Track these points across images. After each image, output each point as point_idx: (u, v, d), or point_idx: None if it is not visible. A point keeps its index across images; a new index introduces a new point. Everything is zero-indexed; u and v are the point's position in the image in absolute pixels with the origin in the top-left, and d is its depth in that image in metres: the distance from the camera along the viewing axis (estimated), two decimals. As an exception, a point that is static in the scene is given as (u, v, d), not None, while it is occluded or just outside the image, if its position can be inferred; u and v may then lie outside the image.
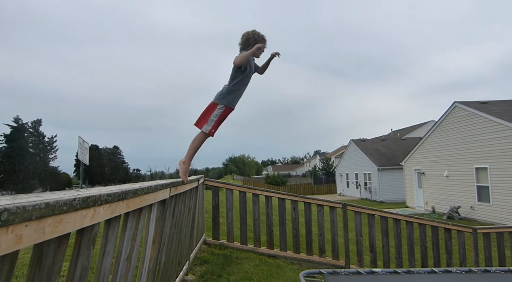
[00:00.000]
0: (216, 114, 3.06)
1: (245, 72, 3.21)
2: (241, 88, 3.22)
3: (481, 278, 4.47)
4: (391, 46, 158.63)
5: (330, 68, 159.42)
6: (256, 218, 6.36)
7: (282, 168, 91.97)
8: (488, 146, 15.17)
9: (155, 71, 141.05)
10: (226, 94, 3.12)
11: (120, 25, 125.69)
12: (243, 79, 3.20)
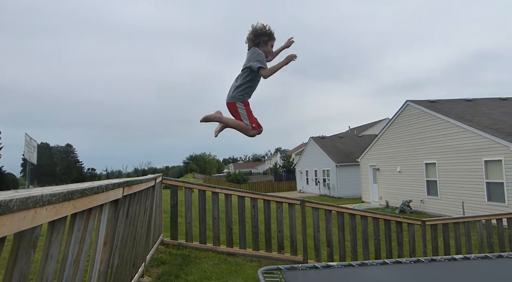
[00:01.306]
0: (243, 113, 2.99)
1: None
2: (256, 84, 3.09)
3: (428, 267, 4.74)
4: (348, 45, 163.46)
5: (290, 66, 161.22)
6: (215, 216, 6.34)
7: (244, 166, 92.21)
8: (436, 142, 16.07)
9: (112, 65, 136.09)
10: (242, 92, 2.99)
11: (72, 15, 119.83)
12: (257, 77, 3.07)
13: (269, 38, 3.01)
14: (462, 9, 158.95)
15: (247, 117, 2.97)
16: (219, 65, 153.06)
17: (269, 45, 3.05)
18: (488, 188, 13.32)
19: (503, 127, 13.76)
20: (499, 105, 17.17)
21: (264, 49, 3.02)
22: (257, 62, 2.85)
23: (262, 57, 2.91)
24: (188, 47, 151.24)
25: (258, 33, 2.98)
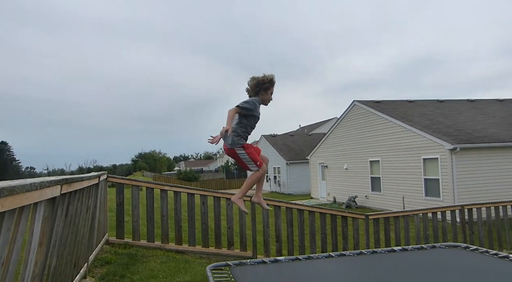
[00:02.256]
0: (245, 157, 2.96)
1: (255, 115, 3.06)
2: (253, 127, 3.08)
3: (369, 258, 4.99)
4: (300, 45, 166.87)
5: (243, 63, 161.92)
6: (164, 214, 6.21)
7: (195, 164, 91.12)
8: (380, 140, 16.92)
9: (55, 60, 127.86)
10: (239, 138, 2.98)
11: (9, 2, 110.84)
12: (254, 120, 3.05)
13: (270, 85, 3.05)
14: (408, 15, 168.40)
15: (250, 159, 2.95)
16: (170, 61, 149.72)
17: (269, 93, 3.08)
18: (425, 184, 14.27)
19: (440, 127, 14.80)
20: (437, 107, 18.43)
21: (264, 97, 3.05)
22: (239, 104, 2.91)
23: (251, 103, 2.94)
24: (138, 42, 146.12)
25: (259, 84, 3.01)
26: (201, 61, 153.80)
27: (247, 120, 3.00)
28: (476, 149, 13.15)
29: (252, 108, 2.96)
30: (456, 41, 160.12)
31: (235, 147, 2.95)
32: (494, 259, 4.58)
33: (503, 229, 8.14)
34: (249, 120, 3.00)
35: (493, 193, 12.20)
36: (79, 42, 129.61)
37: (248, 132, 3.04)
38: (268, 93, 3.06)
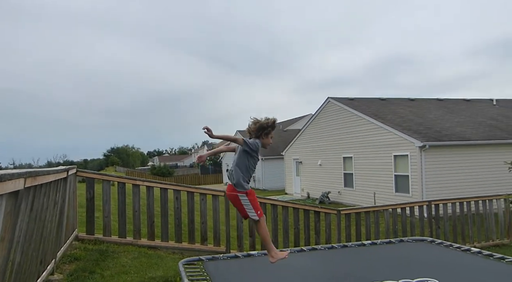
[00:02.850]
0: (246, 203, 2.95)
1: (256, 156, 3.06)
2: (254, 168, 3.11)
3: (340, 252, 5.10)
4: (276, 42, 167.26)
5: (218, 59, 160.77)
6: (136, 209, 6.12)
7: (169, 159, 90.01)
8: (353, 137, 17.25)
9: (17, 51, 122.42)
10: (245, 183, 3.02)
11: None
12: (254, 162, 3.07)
13: (271, 129, 3.07)
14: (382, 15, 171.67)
15: (252, 207, 2.94)
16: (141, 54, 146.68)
17: (269, 137, 3.11)
18: (396, 180, 14.68)
19: (410, 125, 15.23)
20: (408, 105, 18.96)
21: (265, 141, 3.08)
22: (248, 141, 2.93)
23: (256, 145, 2.97)
24: (108, 33, 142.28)
25: (262, 127, 3.02)
26: (173, 55, 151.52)
27: (249, 162, 3.03)
28: (444, 147, 13.63)
29: (256, 149, 2.99)
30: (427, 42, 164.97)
31: (240, 190, 2.96)
32: (457, 252, 4.79)
33: (467, 223, 8.49)
34: (250, 161, 3.03)
35: (458, 189, 12.69)
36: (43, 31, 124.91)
37: (251, 175, 3.10)
38: (268, 137, 3.11)
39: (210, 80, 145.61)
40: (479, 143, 13.97)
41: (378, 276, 3.64)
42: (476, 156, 13.96)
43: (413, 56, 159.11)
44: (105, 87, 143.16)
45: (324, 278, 3.86)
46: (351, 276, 3.84)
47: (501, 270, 4.07)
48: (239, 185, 2.96)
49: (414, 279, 3.49)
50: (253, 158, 3.06)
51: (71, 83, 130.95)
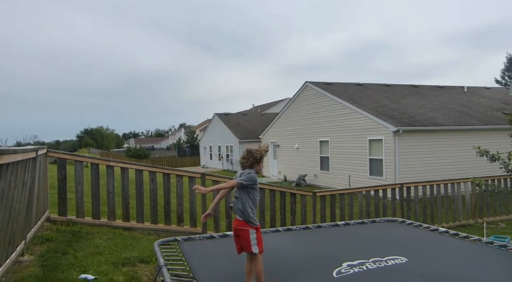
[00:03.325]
0: (254, 238, 2.99)
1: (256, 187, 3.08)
2: (257, 200, 3.13)
3: (315, 232, 5.20)
4: (256, 25, 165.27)
5: (196, 41, 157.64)
6: (110, 191, 6.02)
7: (146, 141, 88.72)
8: (330, 121, 17.44)
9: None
10: (254, 217, 3.05)
11: None
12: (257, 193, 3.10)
13: (261, 158, 3.14)
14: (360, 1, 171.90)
15: (256, 242, 2.97)
16: (117, 33, 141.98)
17: (261, 164, 3.16)
18: (370, 163, 15.01)
19: (385, 110, 15.51)
20: (383, 90, 19.26)
21: (257, 168, 3.13)
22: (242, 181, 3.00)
23: (251, 180, 3.02)
24: (83, 11, 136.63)
25: (255, 160, 3.09)
26: (150, 36, 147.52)
27: (253, 194, 3.06)
28: (417, 132, 13.98)
29: (255, 181, 3.04)
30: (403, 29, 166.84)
31: (252, 226, 2.99)
32: (425, 231, 4.98)
33: (436, 205, 8.82)
34: (254, 193, 3.07)
35: (430, 173, 13.11)
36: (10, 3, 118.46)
37: (257, 206, 3.11)
38: (260, 165, 3.16)
39: (188, 62, 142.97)
40: (450, 128, 14.41)
41: (351, 255, 3.75)
42: (446, 141, 14.41)
43: (390, 42, 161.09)
44: (80, 67, 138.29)
45: (298, 258, 3.93)
46: (324, 256, 3.93)
47: (464, 247, 4.27)
48: (251, 222, 3.01)
49: (384, 258, 3.61)
50: (255, 189, 3.12)
51: (42, 61, 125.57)
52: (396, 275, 3.28)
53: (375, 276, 3.24)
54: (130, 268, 4.10)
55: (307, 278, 3.30)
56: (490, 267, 3.62)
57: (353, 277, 3.20)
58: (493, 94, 20.68)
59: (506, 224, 9.06)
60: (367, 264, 3.47)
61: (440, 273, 3.32)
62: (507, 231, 8.19)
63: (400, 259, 3.60)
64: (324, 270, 3.39)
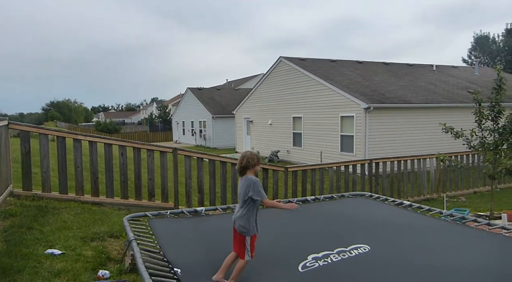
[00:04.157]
0: (248, 244, 3.05)
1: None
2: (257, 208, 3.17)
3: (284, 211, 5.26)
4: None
5: (169, 12, 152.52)
6: (78, 165, 5.85)
7: (116, 115, 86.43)
8: (303, 97, 17.51)
9: None
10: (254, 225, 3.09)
11: None
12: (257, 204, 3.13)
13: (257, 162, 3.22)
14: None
15: (250, 248, 3.06)
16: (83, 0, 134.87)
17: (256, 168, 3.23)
18: (341, 140, 15.30)
19: (357, 87, 15.71)
20: (356, 67, 19.43)
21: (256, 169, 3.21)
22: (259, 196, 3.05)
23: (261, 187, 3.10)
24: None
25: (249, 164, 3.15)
26: (120, 6, 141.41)
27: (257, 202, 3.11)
28: (387, 109, 14.29)
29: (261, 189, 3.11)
30: (377, 7, 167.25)
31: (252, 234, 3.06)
32: (391, 205, 5.17)
33: (403, 180, 9.16)
34: (258, 202, 3.11)
35: (398, 149, 13.53)
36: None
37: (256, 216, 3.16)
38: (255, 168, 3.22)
39: (160, 34, 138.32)
40: (418, 105, 14.82)
41: (316, 246, 3.73)
42: (415, 118, 14.84)
43: (365, 20, 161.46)
44: (47, 38, 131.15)
45: (266, 232, 4.00)
46: (290, 245, 3.94)
47: (425, 219, 4.47)
48: (252, 230, 3.08)
49: (348, 247, 3.68)
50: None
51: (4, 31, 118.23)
52: (359, 266, 3.33)
53: (339, 269, 3.27)
54: (99, 243, 4.05)
55: (273, 272, 3.28)
56: (449, 243, 3.78)
57: (317, 271, 3.22)
58: (460, 73, 21.32)
59: (466, 198, 9.56)
60: (332, 256, 3.49)
61: (400, 259, 3.42)
62: (467, 205, 8.66)
63: (363, 248, 3.66)
64: (290, 263, 3.38)
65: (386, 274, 3.15)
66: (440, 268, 3.17)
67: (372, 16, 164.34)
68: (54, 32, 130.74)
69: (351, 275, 3.17)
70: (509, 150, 7.16)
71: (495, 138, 7.18)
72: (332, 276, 3.14)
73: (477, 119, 7.31)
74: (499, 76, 7.20)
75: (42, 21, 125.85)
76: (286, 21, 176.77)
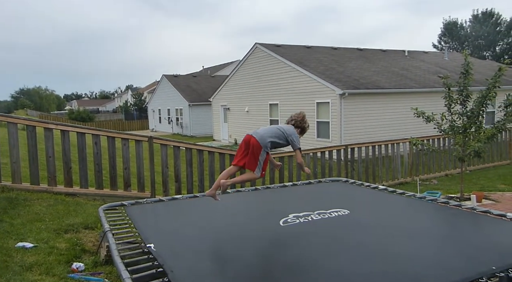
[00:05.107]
0: (262, 159, 3.22)
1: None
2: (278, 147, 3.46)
3: (263, 193, 5.32)
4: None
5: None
6: (50, 155, 5.68)
7: (90, 103, 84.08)
8: (279, 84, 17.52)
9: None
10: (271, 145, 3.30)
11: None
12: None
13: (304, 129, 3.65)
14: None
15: (262, 164, 3.22)
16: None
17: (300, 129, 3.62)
18: (318, 126, 15.45)
19: (332, 73, 15.83)
20: (331, 53, 19.54)
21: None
22: (297, 144, 3.46)
23: (298, 139, 3.49)
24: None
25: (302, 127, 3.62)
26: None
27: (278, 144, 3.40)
28: (362, 95, 14.50)
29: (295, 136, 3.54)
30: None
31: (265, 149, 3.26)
32: (366, 189, 5.28)
33: (377, 165, 9.37)
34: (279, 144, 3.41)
35: (373, 134, 13.80)
36: None
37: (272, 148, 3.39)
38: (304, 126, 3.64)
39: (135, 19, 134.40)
40: (392, 91, 15.10)
41: (297, 208, 3.91)
42: (389, 103, 15.13)
43: (340, 6, 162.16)
44: (15, 21, 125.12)
45: (247, 215, 4.04)
46: (272, 210, 4.08)
47: (399, 202, 4.61)
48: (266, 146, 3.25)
49: (328, 210, 3.82)
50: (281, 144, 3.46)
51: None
52: (338, 224, 3.52)
53: (318, 225, 3.46)
54: (73, 235, 3.97)
55: (256, 227, 3.48)
56: (421, 217, 3.97)
57: (298, 225, 3.41)
58: (431, 58, 21.81)
59: (438, 180, 9.90)
60: (312, 215, 3.68)
61: (377, 222, 3.59)
62: (439, 187, 8.96)
63: (343, 211, 3.83)
64: (272, 220, 3.56)
65: (363, 232, 3.33)
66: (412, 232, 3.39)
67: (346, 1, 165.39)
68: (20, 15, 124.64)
69: (329, 230, 3.38)
70: (477, 133, 7.41)
71: (463, 122, 7.41)
72: (311, 230, 3.33)
73: (446, 103, 7.52)
74: (466, 61, 7.40)
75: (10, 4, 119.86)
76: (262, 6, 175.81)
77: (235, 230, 3.45)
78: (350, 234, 3.29)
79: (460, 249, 2.94)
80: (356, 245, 3.05)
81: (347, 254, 2.87)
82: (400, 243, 3.07)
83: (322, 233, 3.31)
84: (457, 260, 2.69)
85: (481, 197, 7.29)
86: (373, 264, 2.64)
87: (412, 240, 3.14)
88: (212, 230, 3.47)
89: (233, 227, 3.54)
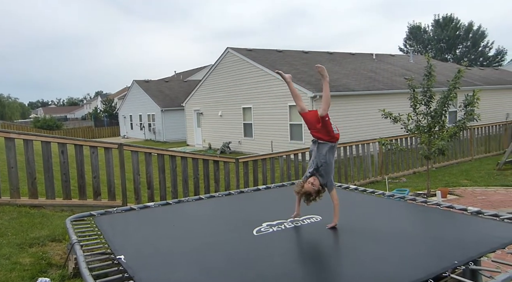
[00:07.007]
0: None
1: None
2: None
3: (237, 198, 5.30)
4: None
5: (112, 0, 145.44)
6: (12, 165, 5.45)
7: (57, 111, 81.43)
8: (252, 88, 17.57)
9: None
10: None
11: None
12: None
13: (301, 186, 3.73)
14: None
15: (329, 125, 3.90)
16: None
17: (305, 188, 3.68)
18: (291, 129, 15.60)
19: (304, 77, 16.03)
20: (302, 57, 19.80)
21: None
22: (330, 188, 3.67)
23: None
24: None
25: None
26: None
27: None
28: (333, 97, 14.56)
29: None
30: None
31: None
32: (338, 189, 5.37)
33: (349, 165, 9.55)
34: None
35: (344, 135, 13.79)
36: None
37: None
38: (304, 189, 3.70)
39: (103, 24, 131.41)
40: (361, 93, 15.45)
41: (270, 216, 3.91)
42: (359, 105, 15.47)
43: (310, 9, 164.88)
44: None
45: (220, 223, 4.00)
46: (246, 218, 4.05)
47: (369, 202, 4.71)
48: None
49: (301, 217, 3.84)
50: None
51: None
52: (310, 230, 3.55)
53: (292, 234, 3.46)
54: (39, 249, 3.82)
55: (229, 237, 3.44)
56: (389, 216, 4.07)
57: (271, 234, 3.41)
58: (397, 61, 22.50)
59: (407, 178, 10.18)
60: (285, 223, 3.68)
61: (347, 226, 3.65)
62: (408, 184, 9.23)
63: (316, 218, 3.86)
64: (246, 230, 3.55)
65: (333, 238, 3.43)
66: (381, 232, 3.49)
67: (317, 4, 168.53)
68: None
69: (302, 237, 3.48)
70: (441, 132, 7.71)
71: (428, 122, 7.69)
72: (284, 238, 3.38)
73: (412, 104, 7.78)
74: (429, 64, 7.70)
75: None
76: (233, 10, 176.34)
77: (209, 240, 3.41)
78: (322, 241, 3.37)
79: (426, 245, 3.04)
80: (326, 251, 3.17)
81: (318, 261, 2.96)
82: (368, 245, 3.15)
83: (295, 241, 3.40)
84: (422, 257, 2.78)
85: (446, 192, 7.57)
86: (341, 268, 2.75)
87: (380, 241, 3.22)
88: (185, 240, 3.41)
89: (206, 237, 3.50)
